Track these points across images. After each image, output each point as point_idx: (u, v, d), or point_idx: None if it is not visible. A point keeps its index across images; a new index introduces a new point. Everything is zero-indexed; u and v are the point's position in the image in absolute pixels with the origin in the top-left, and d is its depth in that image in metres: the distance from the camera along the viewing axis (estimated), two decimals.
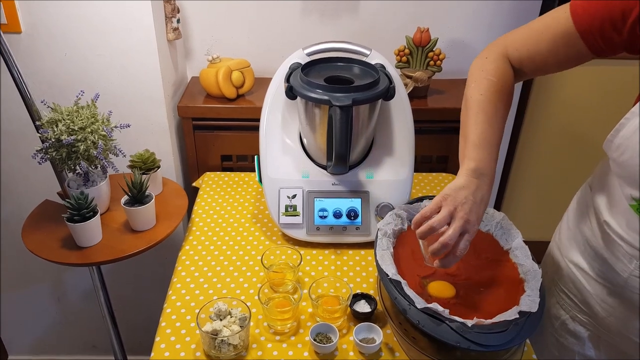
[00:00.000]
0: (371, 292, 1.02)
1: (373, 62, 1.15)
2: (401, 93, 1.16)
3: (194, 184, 1.46)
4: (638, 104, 0.78)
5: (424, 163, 1.57)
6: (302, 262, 1.07)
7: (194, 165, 1.53)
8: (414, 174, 1.19)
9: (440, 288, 0.90)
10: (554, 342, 1.03)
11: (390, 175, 1.16)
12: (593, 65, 0.99)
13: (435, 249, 0.78)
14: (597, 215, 0.90)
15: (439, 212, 0.79)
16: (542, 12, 1.62)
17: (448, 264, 0.80)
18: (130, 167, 1.25)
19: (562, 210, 1.08)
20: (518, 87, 1.73)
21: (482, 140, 0.82)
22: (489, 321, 0.79)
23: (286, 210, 1.14)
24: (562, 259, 1.01)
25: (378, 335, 0.91)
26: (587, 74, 1.70)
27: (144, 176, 1.20)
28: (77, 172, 1.14)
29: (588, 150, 1.84)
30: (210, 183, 1.40)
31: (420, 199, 1.07)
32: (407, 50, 1.48)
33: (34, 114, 1.14)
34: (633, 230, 0.81)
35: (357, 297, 0.99)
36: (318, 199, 1.15)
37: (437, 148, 1.53)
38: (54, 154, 1.09)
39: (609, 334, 0.93)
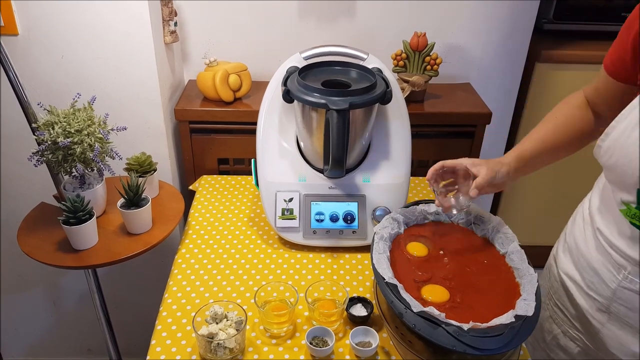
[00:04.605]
0: (367, 296, 1.02)
1: (370, 66, 1.15)
2: (398, 97, 1.16)
3: (190, 187, 1.46)
4: (628, 107, 0.78)
5: (420, 167, 1.56)
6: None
7: (190, 169, 1.53)
8: (411, 178, 1.19)
9: (433, 292, 0.90)
10: (545, 356, 1.03)
11: (387, 179, 1.16)
12: (593, 68, 1.00)
13: None
14: (592, 224, 0.91)
15: None
16: (538, 18, 1.63)
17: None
18: (127, 170, 1.25)
19: (558, 215, 1.08)
20: (515, 89, 1.74)
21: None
22: (485, 325, 0.79)
23: (283, 213, 1.14)
24: (557, 272, 1.01)
25: (374, 338, 0.91)
26: (587, 77, 1.71)
27: (141, 179, 1.20)
28: (73, 174, 1.14)
29: (584, 152, 1.85)
30: (206, 186, 1.40)
31: (417, 203, 1.07)
32: (404, 55, 1.49)
33: (30, 117, 1.14)
34: (623, 237, 0.82)
35: (353, 301, 0.99)
36: (315, 202, 1.15)
37: (433, 152, 1.54)
38: (50, 156, 1.09)
39: (598, 352, 0.92)
